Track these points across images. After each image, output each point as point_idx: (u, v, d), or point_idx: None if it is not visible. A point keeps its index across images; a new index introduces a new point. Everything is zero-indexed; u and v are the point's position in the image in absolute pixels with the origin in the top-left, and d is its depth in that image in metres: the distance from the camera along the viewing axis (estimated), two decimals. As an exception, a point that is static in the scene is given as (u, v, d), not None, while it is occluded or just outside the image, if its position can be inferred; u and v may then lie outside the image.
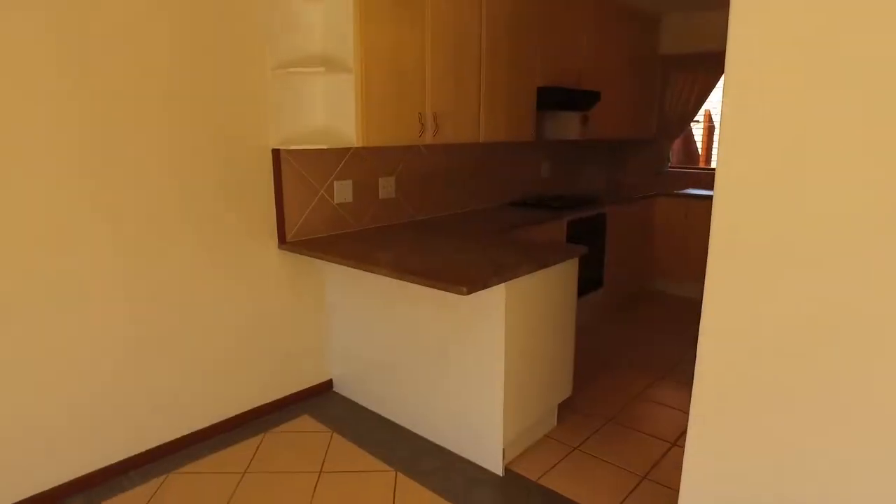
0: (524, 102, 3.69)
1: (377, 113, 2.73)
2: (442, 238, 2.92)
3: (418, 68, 2.90)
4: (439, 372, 2.59)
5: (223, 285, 2.68)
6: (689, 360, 3.72)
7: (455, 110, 3.16)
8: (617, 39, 4.59)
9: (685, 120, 5.26)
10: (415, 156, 3.43)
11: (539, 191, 4.55)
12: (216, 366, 2.72)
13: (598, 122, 4.49)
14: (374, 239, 2.92)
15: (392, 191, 3.32)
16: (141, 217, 2.38)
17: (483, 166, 3.96)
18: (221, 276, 2.67)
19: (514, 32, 3.49)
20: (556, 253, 2.55)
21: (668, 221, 5.02)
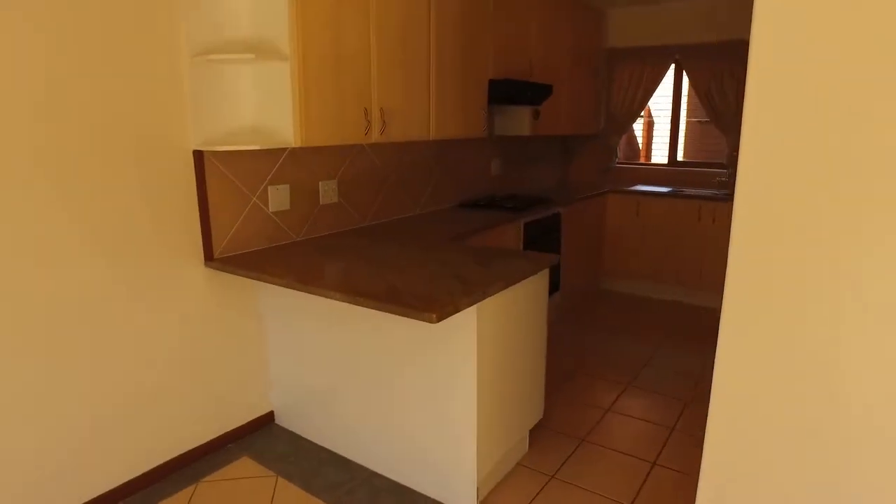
0: (476, 96, 3.41)
1: (318, 108, 2.37)
2: (395, 248, 2.59)
3: (363, 57, 2.56)
4: (399, 401, 2.27)
5: (138, 313, 2.26)
6: (651, 366, 3.57)
7: (403, 105, 2.84)
8: (564, 31, 4.39)
9: (633, 114, 5.15)
10: (358, 156, 3.08)
11: (490, 190, 4.30)
12: (133, 409, 2.29)
13: (548, 117, 4.28)
14: (317, 251, 2.56)
15: (335, 195, 2.96)
16: (22, 239, 1.93)
17: (431, 166, 3.65)
18: (134, 302, 2.24)
19: (465, 19, 3.21)
20: (526, 264, 2.29)
21: (619, 219, 4.89)
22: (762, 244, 1.35)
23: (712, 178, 4.99)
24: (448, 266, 2.24)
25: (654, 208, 4.73)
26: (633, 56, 5.04)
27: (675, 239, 4.67)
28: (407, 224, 3.25)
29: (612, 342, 3.94)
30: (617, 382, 3.34)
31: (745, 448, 1.45)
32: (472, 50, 3.31)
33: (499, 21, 3.53)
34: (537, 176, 4.99)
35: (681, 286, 4.75)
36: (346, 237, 2.86)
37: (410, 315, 1.73)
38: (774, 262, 1.34)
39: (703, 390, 3.23)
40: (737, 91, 4.63)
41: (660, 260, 4.77)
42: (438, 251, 2.51)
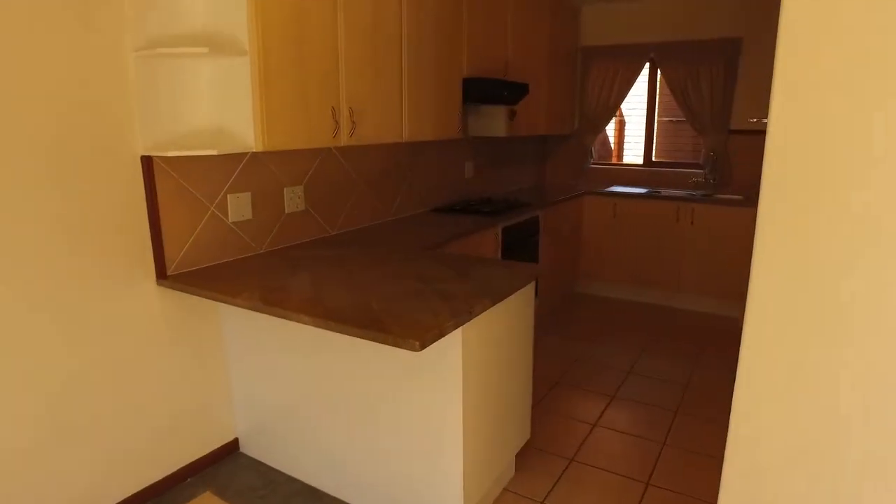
0: (451, 95, 3.23)
1: (281, 108, 2.15)
2: (368, 260, 2.39)
3: (330, 52, 2.35)
4: (378, 430, 2.07)
5: (79, 340, 2.00)
6: (636, 373, 3.45)
7: (375, 104, 2.64)
8: (539, 28, 4.25)
9: (608, 114, 5.04)
10: (326, 160, 2.87)
11: (464, 194, 4.12)
12: (77, 445, 2.04)
13: (524, 117, 4.13)
14: (283, 264, 2.34)
15: (301, 203, 2.74)
16: (-57, 259, 1.66)
17: (403, 169, 3.46)
18: (76, 328, 1.99)
19: (439, 13, 3.02)
20: (512, 277, 2.11)
21: (596, 221, 4.77)
22: (790, 251, 1.20)
23: (688, 179, 4.92)
24: (427, 281, 2.06)
25: (631, 210, 4.62)
26: (607, 54, 4.92)
27: (653, 241, 4.57)
28: (379, 232, 3.04)
29: (594, 349, 3.81)
30: (602, 393, 3.20)
31: (770, 481, 1.30)
32: (446, 46, 3.12)
33: (473, 16, 3.35)
34: (512, 178, 4.83)
35: (659, 289, 4.66)
36: (314, 248, 2.65)
37: (391, 342, 1.54)
38: (805, 270, 1.19)
39: (690, 398, 3.12)
40: (712, 90, 4.56)
41: (637, 262, 4.67)
42: (416, 263, 2.32)
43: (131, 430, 2.20)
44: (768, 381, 1.27)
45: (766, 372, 1.27)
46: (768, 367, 1.26)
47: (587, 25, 5.03)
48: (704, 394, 3.19)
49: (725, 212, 4.28)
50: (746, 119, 4.59)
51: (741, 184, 4.72)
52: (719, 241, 4.33)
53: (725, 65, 4.51)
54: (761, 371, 1.27)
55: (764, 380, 1.27)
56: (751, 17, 4.45)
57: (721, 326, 4.23)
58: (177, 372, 2.32)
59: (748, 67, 4.52)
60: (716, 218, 4.31)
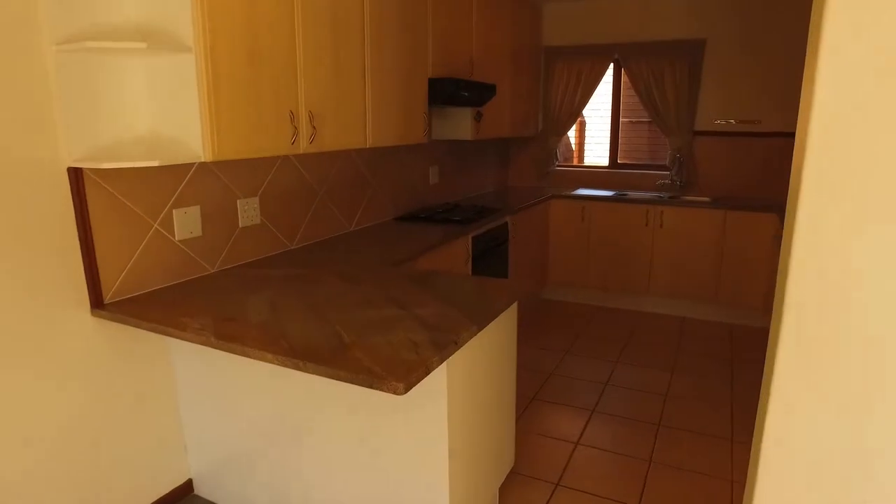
0: (417, 97, 3.03)
1: (233, 113, 1.91)
2: (333, 280, 2.17)
3: (286, 49, 2.11)
4: (346, 471, 1.86)
5: (4, 385, 1.71)
6: (613, 384, 3.32)
7: (337, 107, 2.41)
8: (503, 27, 4.09)
9: (573, 115, 4.93)
10: (283, 168, 2.62)
11: (429, 200, 3.92)
12: (8, 500, 1.75)
13: (490, 119, 3.97)
14: (238, 287, 2.09)
15: (256, 216, 2.49)
16: None
17: (366, 177, 3.23)
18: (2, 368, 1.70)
19: (404, 5, 2.81)
20: (494, 297, 1.93)
21: (564, 225, 4.65)
22: (832, 267, 1.05)
23: (654, 180, 4.86)
24: (404, 305, 1.85)
25: (599, 213, 4.52)
26: (570, 54, 4.82)
27: (623, 244, 4.48)
28: (343, 244, 2.82)
29: (568, 360, 3.67)
30: (580, 408, 3.06)
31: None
32: (411, 43, 2.92)
33: (438, 11, 3.16)
34: (476, 182, 4.66)
35: (629, 293, 4.58)
36: (273, 265, 2.40)
37: (370, 385, 1.33)
38: (848, 294, 1.05)
39: (670, 410, 3.01)
40: (676, 91, 4.50)
41: (607, 266, 4.57)
42: (388, 283, 2.11)
43: (76, 477, 1.91)
44: (802, 406, 1.13)
45: (800, 396, 1.12)
46: (803, 392, 1.12)
47: (549, 25, 4.91)
48: (684, 404, 3.09)
49: (695, 214, 4.22)
50: (711, 120, 4.55)
51: (707, 184, 4.68)
52: (688, 243, 4.27)
53: (689, 66, 4.46)
54: (795, 395, 1.13)
55: (798, 404, 1.13)
56: (714, 18, 4.41)
57: (692, 330, 4.17)
58: (120, 412, 2.05)
59: (711, 69, 4.48)
60: (685, 220, 4.25)
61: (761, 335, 4.08)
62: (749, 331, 4.17)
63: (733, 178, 4.61)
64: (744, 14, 4.33)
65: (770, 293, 3.94)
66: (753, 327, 4.23)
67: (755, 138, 4.48)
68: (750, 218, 4.07)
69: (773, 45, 4.30)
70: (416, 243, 2.81)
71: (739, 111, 4.47)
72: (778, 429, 1.16)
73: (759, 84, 4.39)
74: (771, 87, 4.36)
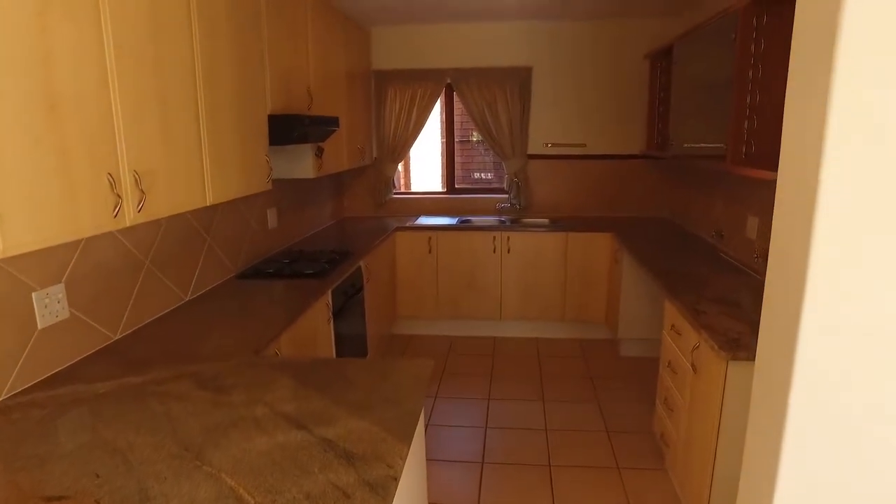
0: (257, 139, 2.59)
1: (23, 187, 1.36)
2: (188, 387, 1.68)
3: (98, 93, 1.59)
4: None
5: None
6: (494, 426, 3.19)
7: (169, 163, 1.91)
8: (337, 53, 3.77)
9: (408, 140, 4.75)
10: (95, 240, 2.02)
11: (270, 247, 3.44)
12: None
13: (331, 153, 3.61)
14: (36, 424, 1.51)
15: (62, 308, 1.87)
16: None
17: (198, 233, 2.69)
18: None
19: (238, 36, 2.37)
20: (404, 390, 1.64)
21: (411, 257, 4.44)
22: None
23: (493, 204, 4.89)
24: (299, 421, 1.47)
25: (446, 242, 4.40)
26: (403, 79, 4.64)
27: (472, 272, 4.41)
28: (182, 323, 2.28)
29: (440, 406, 3.46)
30: (469, 462, 2.87)
31: None
32: (248, 80, 2.48)
33: (274, 43, 2.74)
34: (314, 218, 4.26)
35: (482, 320, 4.52)
36: (94, 372, 1.81)
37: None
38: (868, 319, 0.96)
39: (555, 446, 2.95)
40: (510, 116, 4.57)
41: (458, 295, 4.46)
42: (263, 385, 1.69)
43: None
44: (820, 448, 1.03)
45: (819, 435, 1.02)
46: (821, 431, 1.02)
47: (379, 49, 4.69)
48: (565, 438, 3.06)
49: (539, 238, 4.30)
50: (542, 144, 4.70)
51: (543, 206, 4.83)
52: (535, 266, 4.34)
53: (520, 91, 4.55)
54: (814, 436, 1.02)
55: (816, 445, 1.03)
56: (538, 48, 4.55)
57: (547, 350, 4.24)
58: None
59: (539, 95, 4.63)
60: (531, 244, 4.31)
61: (606, 346, 4.29)
62: (595, 344, 4.37)
63: (567, 199, 4.81)
64: (564, 45, 4.53)
65: (611, 308, 4.15)
66: (599, 339, 4.44)
67: (582, 161, 4.72)
68: (589, 238, 4.26)
69: (593, 75, 4.57)
70: (273, 312, 2.38)
71: (567, 135, 4.68)
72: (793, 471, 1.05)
73: (583, 110, 4.64)
74: (592, 113, 4.63)
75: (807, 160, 0.93)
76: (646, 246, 3.63)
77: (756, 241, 2.99)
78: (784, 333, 1.04)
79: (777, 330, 1.09)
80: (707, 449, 2.11)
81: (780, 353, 1.06)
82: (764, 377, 1.16)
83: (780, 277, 1.06)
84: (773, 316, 1.11)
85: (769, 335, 1.13)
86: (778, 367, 1.07)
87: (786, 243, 1.03)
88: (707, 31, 2.98)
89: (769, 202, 2.87)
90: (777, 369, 1.07)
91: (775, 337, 1.09)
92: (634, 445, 2.98)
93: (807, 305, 0.96)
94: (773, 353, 1.10)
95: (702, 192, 3.94)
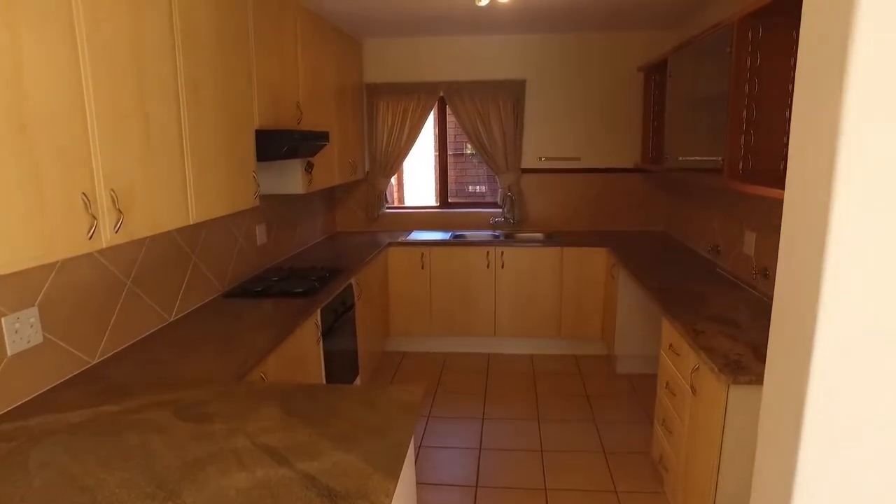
0: (244, 155, 2.52)
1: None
2: (167, 417, 1.60)
3: (72, 106, 1.52)
4: None
5: None
6: (488, 448, 3.11)
7: (148, 179, 1.84)
8: (328, 66, 3.72)
9: (400, 154, 4.70)
10: (73, 261, 1.95)
11: (259, 265, 3.37)
12: None
13: (321, 168, 3.55)
14: (11, 460, 1.42)
15: (36, 332, 1.79)
16: None
17: (183, 251, 2.62)
18: None
19: (224, 51, 2.31)
20: (390, 420, 1.57)
21: (404, 273, 4.37)
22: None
23: (487, 218, 4.83)
24: (280, 455, 1.39)
25: (439, 258, 4.33)
26: (395, 92, 4.59)
27: (466, 288, 4.34)
28: (164, 346, 2.20)
29: (433, 426, 3.37)
30: (463, 486, 2.78)
31: None
32: (234, 94, 2.42)
33: (262, 56, 2.69)
34: (305, 234, 4.19)
35: (476, 337, 4.44)
36: (62, 401, 1.73)
37: None
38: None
39: (551, 468, 2.87)
40: (503, 130, 4.53)
41: (451, 312, 4.39)
42: (244, 414, 1.61)
43: None
44: None
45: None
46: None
47: (371, 62, 4.65)
48: (561, 460, 2.98)
49: (534, 252, 4.24)
50: (536, 158, 4.66)
51: (537, 220, 4.78)
52: (530, 281, 4.28)
53: (514, 105, 4.51)
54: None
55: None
56: (531, 60, 4.52)
57: (542, 367, 4.16)
58: None
59: (532, 108, 4.59)
60: (525, 259, 4.25)
61: (603, 363, 4.22)
62: (591, 360, 4.29)
63: (561, 213, 4.76)
64: (557, 58, 4.50)
65: (607, 324, 4.09)
66: (595, 356, 4.36)
67: (577, 174, 4.68)
68: (584, 253, 4.20)
69: (587, 88, 4.54)
70: (260, 333, 2.31)
71: (561, 149, 4.64)
72: None
73: (577, 123, 4.60)
74: (586, 126, 4.60)
75: (817, 176, 0.87)
76: (641, 261, 3.57)
77: (754, 258, 2.94)
78: (795, 361, 0.98)
79: (787, 358, 1.03)
80: (708, 474, 2.04)
81: (790, 383, 1.00)
82: (773, 410, 1.09)
83: (791, 300, 1.00)
84: (782, 342, 1.05)
85: (778, 364, 1.07)
86: (788, 396, 1.01)
87: (796, 266, 0.97)
88: (702, 44, 2.95)
89: (767, 217, 2.83)
90: (787, 399, 1.01)
91: (785, 365, 1.03)
92: (632, 467, 2.90)
93: (820, 329, 0.90)
94: (783, 383, 1.04)
95: (697, 206, 3.90)
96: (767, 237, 2.80)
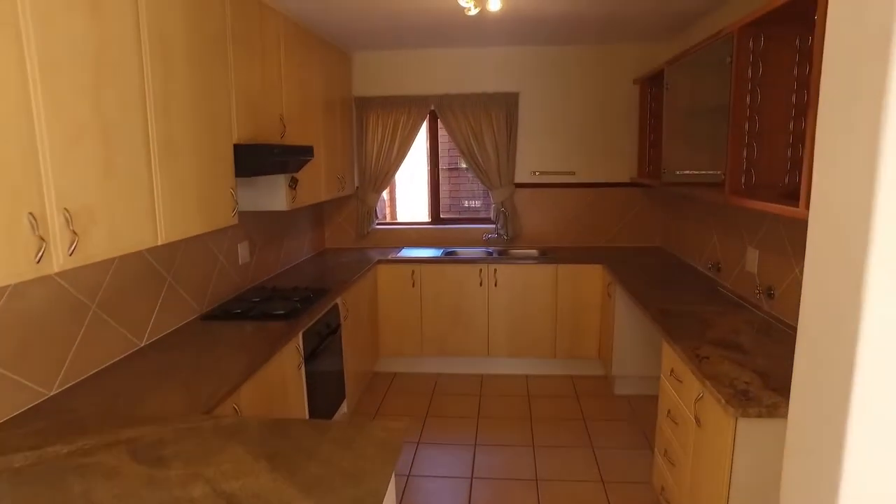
0: (221, 171, 2.39)
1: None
2: (122, 460, 1.45)
3: (19, 114, 1.39)
4: None
5: None
6: (481, 477, 2.95)
7: (109, 199, 1.71)
8: (314, 78, 3.60)
9: (390, 169, 4.58)
10: (27, 285, 1.81)
11: (240, 285, 3.22)
12: None
13: (307, 184, 3.42)
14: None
15: (-16, 363, 1.65)
16: None
17: (154, 270, 2.48)
18: None
19: (198, 61, 2.19)
20: (368, 465, 1.42)
21: (394, 292, 4.23)
22: None
23: (479, 234, 4.71)
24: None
25: (430, 276, 4.19)
26: (385, 105, 4.48)
27: (458, 307, 4.20)
28: (128, 376, 2.05)
29: (423, 452, 3.21)
30: (453, 521, 2.62)
31: None
32: (211, 106, 2.29)
33: (241, 66, 2.57)
34: (292, 251, 4.05)
35: (469, 357, 4.29)
36: (8, 440, 1.57)
37: None
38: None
39: (549, 498, 2.72)
40: (496, 143, 4.42)
41: (443, 331, 4.24)
42: (208, 457, 1.46)
43: None
44: None
45: None
46: None
47: (360, 75, 4.54)
48: (557, 490, 2.83)
49: (528, 270, 4.11)
50: (529, 172, 4.55)
51: (531, 236, 4.66)
52: (524, 300, 4.14)
53: (507, 118, 4.41)
54: None
55: None
56: (524, 73, 4.43)
57: (538, 388, 4.01)
58: None
59: (525, 121, 4.49)
60: (519, 277, 4.12)
61: (600, 384, 4.07)
62: (588, 381, 4.14)
63: (556, 229, 4.64)
64: (551, 71, 4.41)
65: (604, 343, 3.95)
66: (592, 376, 4.22)
67: (572, 189, 4.57)
68: (579, 270, 4.08)
69: (581, 101, 4.44)
70: (235, 360, 2.16)
71: (555, 163, 4.53)
72: None
73: (571, 137, 4.50)
74: (581, 139, 4.49)
75: (853, 189, 0.75)
76: (639, 279, 3.44)
77: (757, 276, 2.81)
78: (830, 394, 0.85)
79: (818, 391, 0.89)
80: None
81: (824, 419, 0.87)
82: (802, 452, 0.96)
83: (823, 325, 0.87)
84: (811, 375, 0.92)
85: (806, 400, 0.93)
86: (823, 436, 0.87)
87: (829, 288, 0.84)
88: (699, 55, 2.84)
89: (770, 234, 2.71)
90: (821, 440, 0.88)
91: (816, 400, 0.90)
92: (633, 498, 2.75)
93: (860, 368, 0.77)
94: (815, 423, 0.90)
95: (697, 221, 3.78)
96: (772, 254, 2.68)
